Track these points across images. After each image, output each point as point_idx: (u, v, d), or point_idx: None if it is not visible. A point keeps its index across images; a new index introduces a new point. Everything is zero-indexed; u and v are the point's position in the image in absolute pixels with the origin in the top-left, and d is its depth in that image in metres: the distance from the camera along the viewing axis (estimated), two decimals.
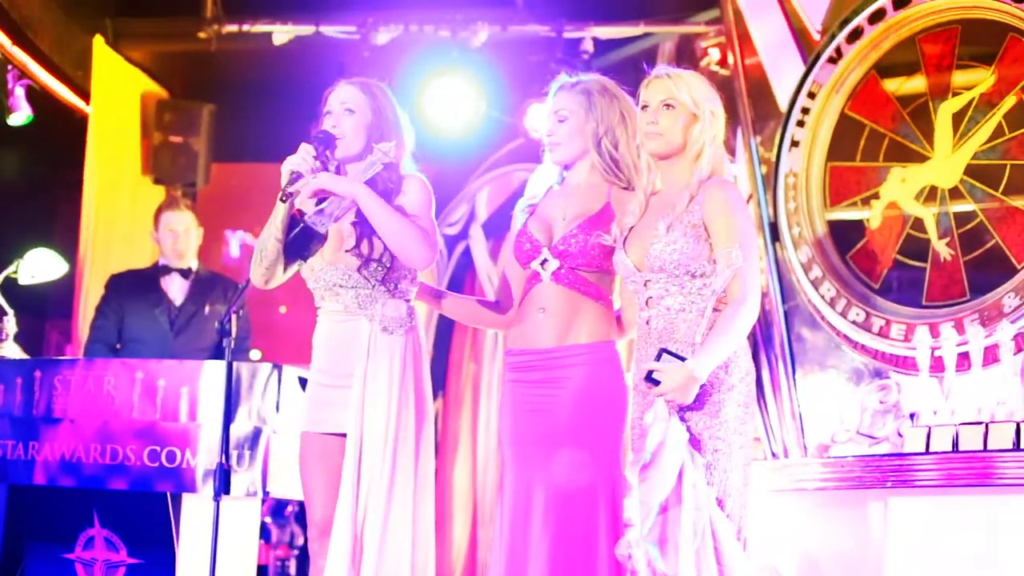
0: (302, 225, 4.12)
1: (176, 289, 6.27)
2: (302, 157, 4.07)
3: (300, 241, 4.13)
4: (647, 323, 3.94)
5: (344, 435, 4.11)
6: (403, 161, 4.22)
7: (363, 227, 4.12)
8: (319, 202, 4.15)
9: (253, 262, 4.18)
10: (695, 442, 3.80)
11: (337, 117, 4.19)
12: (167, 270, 6.31)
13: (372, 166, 4.14)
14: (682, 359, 3.77)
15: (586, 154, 4.20)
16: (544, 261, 4.14)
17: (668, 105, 3.95)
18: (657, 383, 3.76)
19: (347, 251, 4.13)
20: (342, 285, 4.15)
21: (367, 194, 4.06)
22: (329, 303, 4.19)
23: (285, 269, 4.18)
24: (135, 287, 6.30)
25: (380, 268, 4.13)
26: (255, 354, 6.86)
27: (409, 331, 4.16)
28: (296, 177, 4.06)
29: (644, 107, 3.99)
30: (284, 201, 4.08)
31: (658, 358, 3.79)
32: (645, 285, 3.94)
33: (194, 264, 6.37)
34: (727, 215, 3.87)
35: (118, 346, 6.22)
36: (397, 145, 4.19)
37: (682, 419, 3.80)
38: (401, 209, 4.12)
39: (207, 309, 6.20)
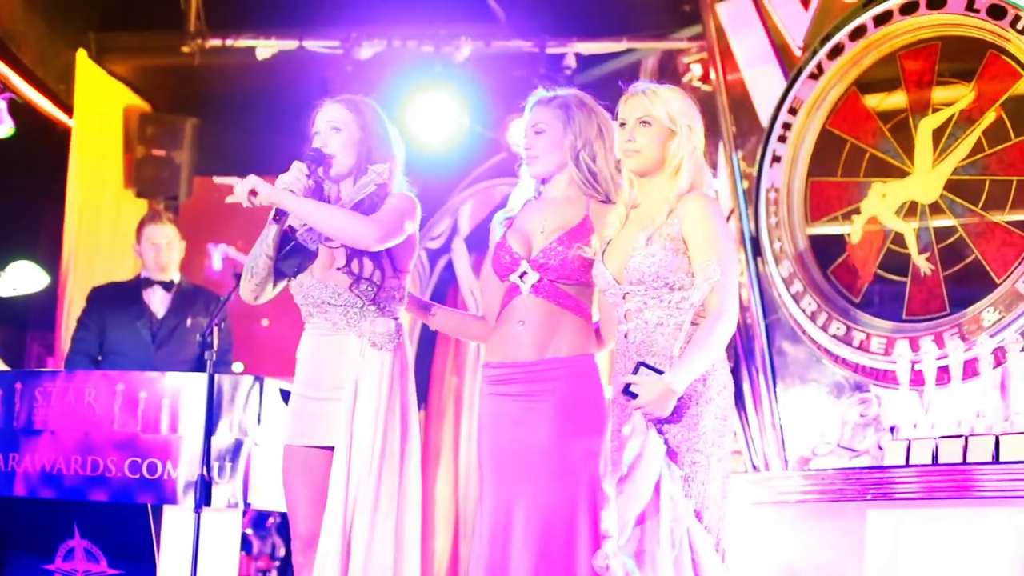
0: (293, 242, 4.14)
1: (158, 302, 6.25)
2: (295, 176, 4.08)
3: (290, 258, 4.14)
4: (625, 336, 3.94)
5: (328, 448, 4.11)
6: (396, 177, 4.23)
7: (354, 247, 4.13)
8: None
9: (243, 278, 4.18)
10: (673, 455, 3.81)
11: (324, 136, 4.19)
12: (149, 283, 6.29)
13: (365, 187, 4.15)
14: (660, 372, 3.78)
15: (564, 167, 4.21)
16: (523, 274, 4.14)
17: (644, 122, 3.96)
18: (634, 396, 3.77)
19: (338, 269, 4.14)
20: (331, 303, 4.14)
21: (290, 198, 4.04)
22: (317, 319, 4.18)
23: (275, 285, 4.20)
24: (117, 300, 6.28)
25: (370, 287, 4.13)
26: (238, 367, 6.86)
27: (397, 347, 4.17)
28: None
29: (622, 124, 4.01)
30: (277, 220, 4.09)
31: (636, 371, 3.80)
32: (624, 298, 3.94)
33: (176, 277, 6.35)
34: (705, 228, 3.88)
35: (99, 358, 6.20)
36: (384, 158, 4.19)
37: (660, 432, 3.81)
38: None
39: (189, 322, 6.18)
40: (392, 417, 4.10)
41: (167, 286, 6.29)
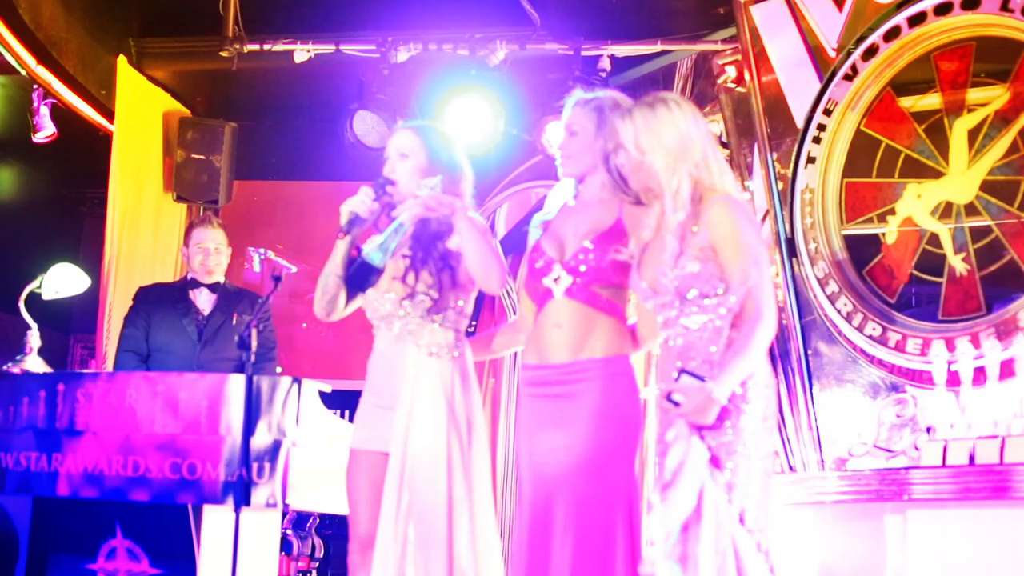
0: (360, 260, 4.22)
1: (204, 300, 6.25)
2: (360, 200, 4.22)
3: (358, 275, 4.22)
4: (666, 342, 3.96)
5: (386, 453, 4.20)
6: (467, 199, 4.34)
7: (413, 260, 4.24)
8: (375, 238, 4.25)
9: (316, 297, 4.31)
10: (714, 459, 3.82)
11: (392, 163, 4.33)
12: (196, 283, 6.32)
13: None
14: (701, 378, 3.78)
15: (596, 170, 4.24)
16: (557, 278, 4.18)
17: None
18: (677, 404, 3.78)
19: (394, 279, 4.24)
20: (393, 314, 4.25)
21: (462, 216, 4.18)
22: (383, 331, 4.29)
23: (347, 303, 4.33)
24: (163, 298, 6.28)
25: (427, 300, 4.23)
26: (276, 369, 6.88)
27: (458, 357, 4.26)
28: (354, 218, 4.21)
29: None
30: (342, 235, 4.22)
31: (677, 378, 3.81)
32: (662, 307, 3.96)
33: (221, 280, 6.37)
34: (732, 233, 3.87)
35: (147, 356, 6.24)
36: (452, 182, 4.28)
37: (701, 436, 3.82)
38: (454, 253, 4.24)
39: (235, 319, 6.20)
40: (454, 424, 4.19)
41: (212, 287, 6.32)
